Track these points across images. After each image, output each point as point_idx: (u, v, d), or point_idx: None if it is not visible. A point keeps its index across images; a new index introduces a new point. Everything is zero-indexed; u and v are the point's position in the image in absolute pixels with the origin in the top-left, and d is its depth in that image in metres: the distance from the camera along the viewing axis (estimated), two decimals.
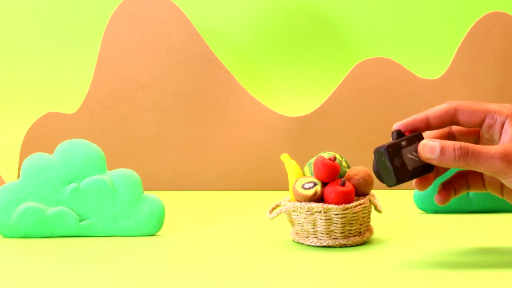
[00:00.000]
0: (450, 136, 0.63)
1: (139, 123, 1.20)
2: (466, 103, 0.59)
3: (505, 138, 0.58)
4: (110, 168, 0.80)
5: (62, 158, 0.78)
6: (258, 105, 1.20)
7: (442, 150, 0.57)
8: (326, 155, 0.75)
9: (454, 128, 0.63)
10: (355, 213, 0.73)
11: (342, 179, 0.73)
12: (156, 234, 0.80)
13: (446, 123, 0.60)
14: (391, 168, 0.59)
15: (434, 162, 0.58)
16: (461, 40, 1.18)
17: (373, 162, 0.64)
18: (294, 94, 1.36)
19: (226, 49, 1.35)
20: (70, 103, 1.28)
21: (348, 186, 0.73)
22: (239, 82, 1.20)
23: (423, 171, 0.60)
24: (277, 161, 0.84)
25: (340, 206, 0.72)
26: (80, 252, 0.72)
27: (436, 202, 0.64)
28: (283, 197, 0.79)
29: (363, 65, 1.19)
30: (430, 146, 0.57)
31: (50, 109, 1.23)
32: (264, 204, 0.89)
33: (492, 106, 0.59)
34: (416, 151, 0.60)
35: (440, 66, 1.23)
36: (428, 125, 0.59)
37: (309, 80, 1.36)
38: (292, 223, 0.76)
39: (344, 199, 0.72)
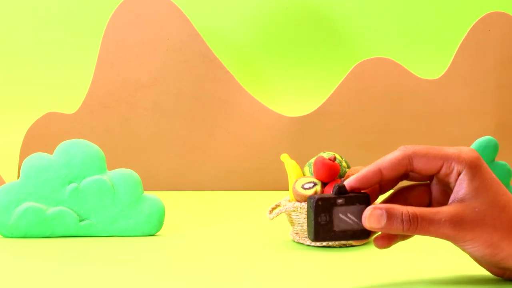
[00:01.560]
0: (403, 178, 0.57)
1: (139, 123, 1.20)
2: (422, 149, 0.54)
3: (457, 194, 0.53)
4: (110, 168, 0.80)
5: (62, 158, 0.78)
6: (258, 105, 1.20)
7: (389, 219, 0.52)
8: (326, 155, 0.75)
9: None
10: None
11: (342, 179, 0.73)
12: (156, 234, 0.80)
13: (400, 173, 0.54)
14: (313, 222, 0.53)
15: (378, 231, 0.53)
16: (461, 40, 1.19)
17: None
18: (294, 94, 1.36)
19: (226, 49, 1.35)
20: (70, 103, 1.28)
21: None
22: (239, 82, 1.20)
23: (355, 236, 0.54)
24: (277, 161, 0.84)
25: None
26: (80, 252, 0.72)
27: (376, 246, 0.56)
28: (283, 197, 0.79)
29: (363, 65, 1.19)
30: (376, 216, 0.52)
31: (50, 109, 1.23)
32: (264, 204, 0.89)
33: (450, 151, 0.54)
34: (353, 213, 0.54)
35: (440, 66, 1.23)
36: (382, 177, 0.54)
37: (309, 80, 1.36)
38: (292, 223, 0.76)
39: None
